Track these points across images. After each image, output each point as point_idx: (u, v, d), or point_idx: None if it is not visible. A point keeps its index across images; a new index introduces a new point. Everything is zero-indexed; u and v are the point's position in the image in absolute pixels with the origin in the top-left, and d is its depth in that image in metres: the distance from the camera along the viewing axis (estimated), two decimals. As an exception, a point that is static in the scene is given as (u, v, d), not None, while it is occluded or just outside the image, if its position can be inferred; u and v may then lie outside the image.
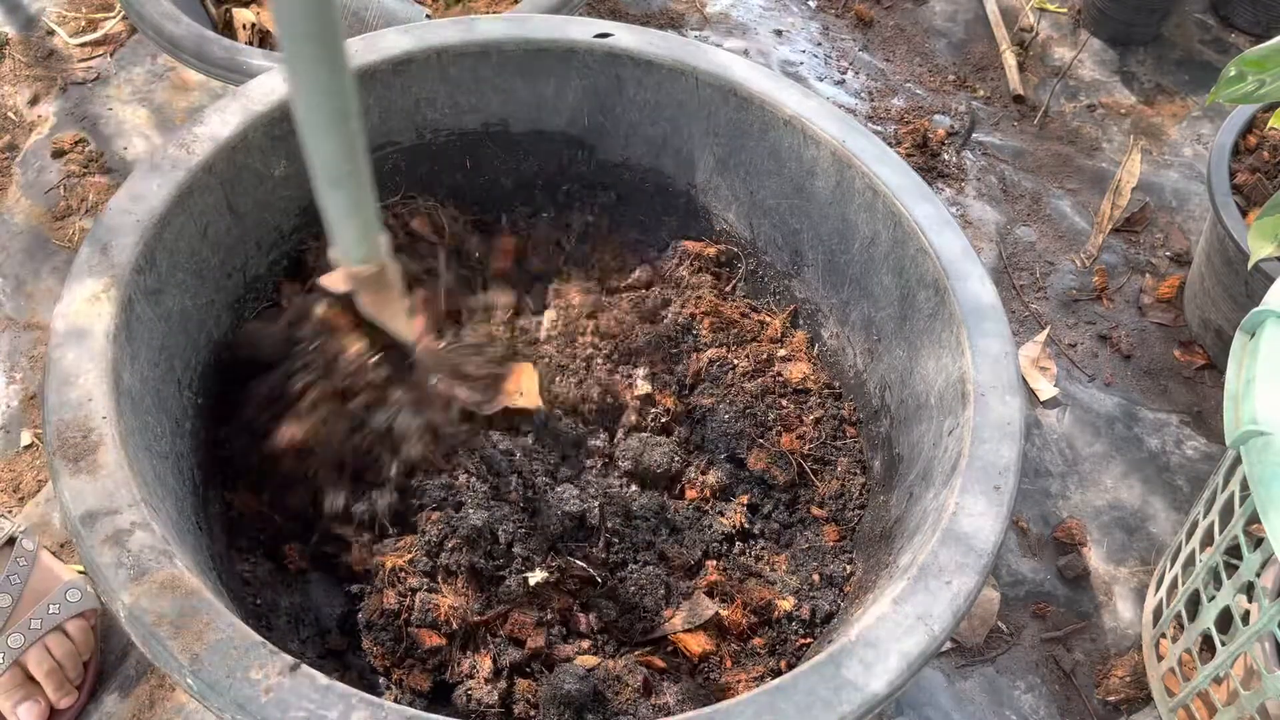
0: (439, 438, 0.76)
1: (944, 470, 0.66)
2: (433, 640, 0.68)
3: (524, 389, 0.81)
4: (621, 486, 0.80)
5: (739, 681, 0.70)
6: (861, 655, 0.54)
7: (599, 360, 0.86)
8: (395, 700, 0.67)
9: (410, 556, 0.71)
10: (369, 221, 0.63)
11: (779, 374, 0.88)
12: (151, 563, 0.54)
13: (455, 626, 0.68)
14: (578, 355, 0.86)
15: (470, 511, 0.73)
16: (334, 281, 0.68)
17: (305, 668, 0.51)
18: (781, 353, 0.90)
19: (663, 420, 0.83)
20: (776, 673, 0.70)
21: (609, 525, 0.76)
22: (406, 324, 0.72)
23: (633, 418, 0.82)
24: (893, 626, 0.55)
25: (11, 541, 0.82)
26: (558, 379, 0.84)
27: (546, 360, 0.85)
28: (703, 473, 0.81)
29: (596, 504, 0.75)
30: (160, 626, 0.51)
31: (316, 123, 0.55)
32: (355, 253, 0.65)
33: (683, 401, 0.85)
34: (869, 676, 0.53)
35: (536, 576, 0.70)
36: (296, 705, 0.49)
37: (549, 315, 0.90)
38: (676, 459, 0.80)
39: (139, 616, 0.52)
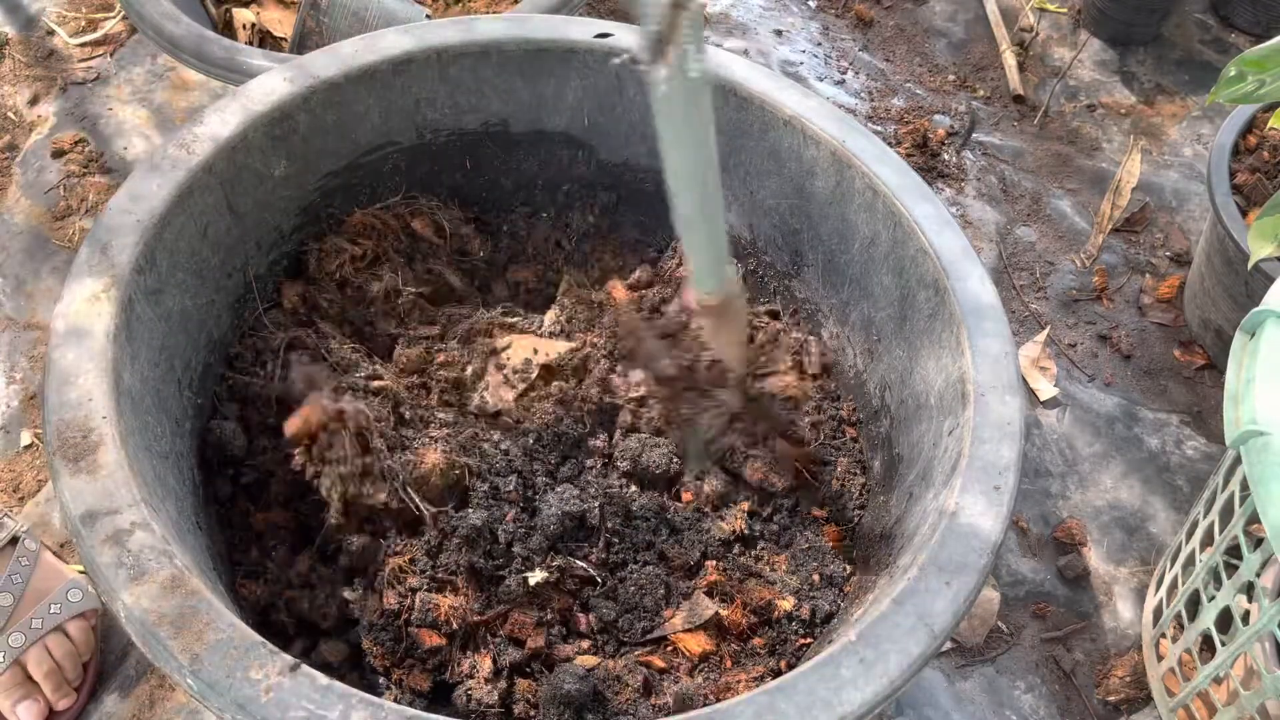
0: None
1: (944, 470, 0.66)
2: (433, 640, 0.68)
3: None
4: (621, 487, 0.80)
5: (739, 681, 0.70)
6: (862, 655, 0.54)
7: (597, 359, 0.86)
8: (395, 700, 0.67)
9: (410, 556, 0.71)
10: (719, 258, 0.72)
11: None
12: (151, 562, 0.54)
13: (455, 626, 0.68)
14: (576, 354, 0.86)
15: (470, 511, 0.73)
16: (688, 301, 0.76)
17: (305, 668, 0.51)
18: (781, 353, 0.90)
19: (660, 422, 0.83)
20: (776, 673, 0.70)
21: (609, 525, 0.76)
22: (738, 355, 0.78)
23: (628, 418, 0.82)
24: (892, 627, 0.55)
25: (14, 541, 0.82)
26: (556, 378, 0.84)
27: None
28: (698, 478, 0.81)
29: (596, 504, 0.75)
30: (160, 626, 0.51)
31: (683, 178, 0.66)
32: (705, 283, 0.73)
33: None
34: (869, 677, 0.53)
35: (536, 576, 0.70)
36: (296, 705, 0.49)
37: (550, 314, 0.90)
38: (675, 460, 0.80)
39: (139, 616, 0.52)
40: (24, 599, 0.80)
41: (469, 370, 0.85)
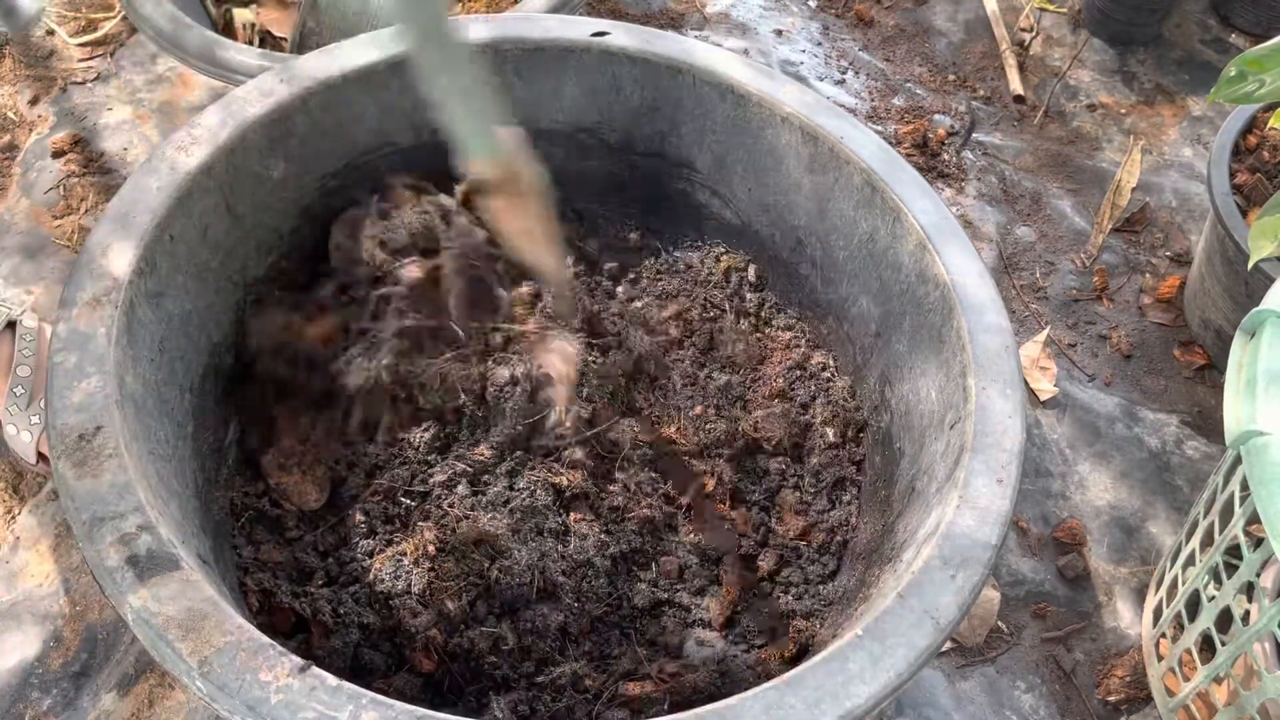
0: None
1: (946, 464, 0.66)
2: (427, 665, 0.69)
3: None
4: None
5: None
6: (869, 649, 0.54)
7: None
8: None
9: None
10: (482, 127, 0.65)
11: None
12: (158, 565, 0.54)
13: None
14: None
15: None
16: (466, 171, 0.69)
17: (315, 669, 0.51)
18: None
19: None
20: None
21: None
22: (536, 242, 0.71)
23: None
24: (898, 620, 0.56)
25: (12, 325, 0.85)
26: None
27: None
28: None
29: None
30: (168, 629, 0.51)
31: (428, 66, 0.62)
32: (476, 150, 0.66)
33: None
34: (876, 670, 0.53)
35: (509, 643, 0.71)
36: (307, 706, 0.49)
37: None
38: None
39: (147, 620, 0.52)
40: (39, 368, 0.83)
41: None
